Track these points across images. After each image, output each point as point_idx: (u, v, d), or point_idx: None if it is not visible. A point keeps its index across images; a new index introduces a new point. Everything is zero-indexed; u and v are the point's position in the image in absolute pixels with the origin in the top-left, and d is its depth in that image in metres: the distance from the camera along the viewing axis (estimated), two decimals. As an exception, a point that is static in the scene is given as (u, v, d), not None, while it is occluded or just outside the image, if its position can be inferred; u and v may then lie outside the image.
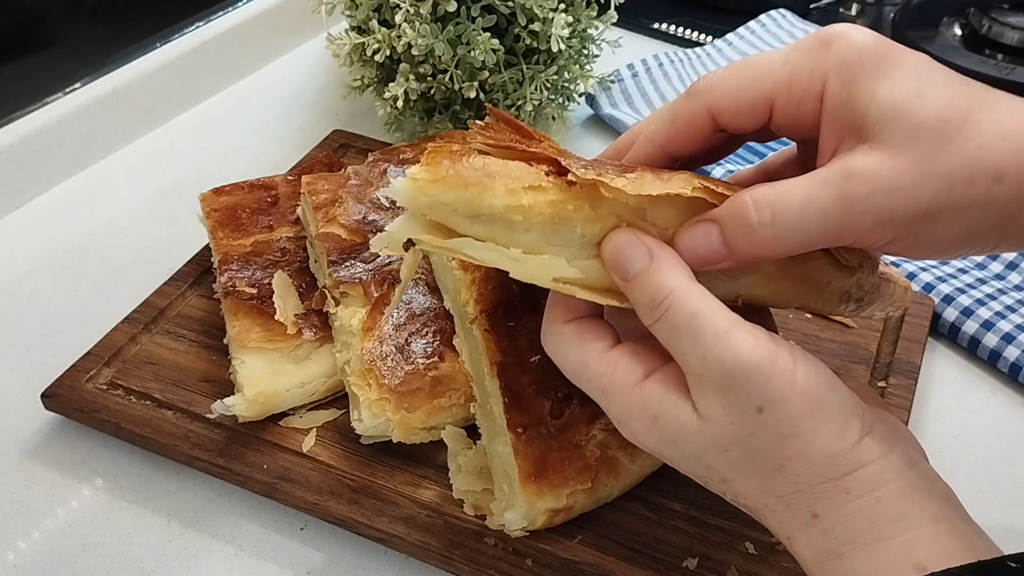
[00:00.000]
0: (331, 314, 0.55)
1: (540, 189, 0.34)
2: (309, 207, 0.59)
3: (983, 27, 0.94)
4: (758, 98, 0.36)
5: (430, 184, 0.33)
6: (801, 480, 0.35)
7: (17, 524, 0.52)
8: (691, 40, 1.00)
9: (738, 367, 0.33)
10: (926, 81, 0.34)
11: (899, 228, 0.34)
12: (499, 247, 0.35)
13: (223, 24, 0.90)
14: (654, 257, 0.35)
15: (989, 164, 0.32)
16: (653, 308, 0.35)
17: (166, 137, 0.85)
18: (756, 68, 0.36)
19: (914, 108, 0.33)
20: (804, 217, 0.34)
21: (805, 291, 0.40)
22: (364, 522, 0.49)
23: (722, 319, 0.34)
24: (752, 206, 0.34)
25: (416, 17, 0.69)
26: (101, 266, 0.70)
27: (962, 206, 0.33)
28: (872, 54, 0.34)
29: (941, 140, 0.33)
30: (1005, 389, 0.61)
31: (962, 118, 0.33)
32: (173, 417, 0.54)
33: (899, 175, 0.33)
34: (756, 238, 0.34)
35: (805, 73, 0.35)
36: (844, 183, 0.33)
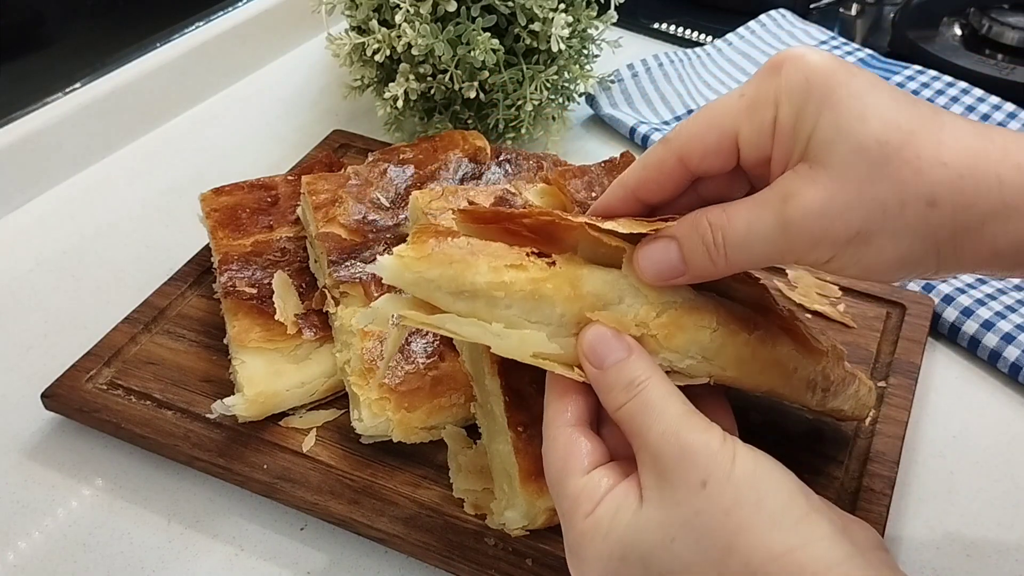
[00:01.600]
0: (331, 314, 0.55)
1: (521, 267, 0.36)
2: (309, 207, 0.59)
3: (983, 27, 0.94)
4: (722, 135, 0.36)
5: (415, 261, 0.35)
6: (754, 559, 0.33)
7: (17, 524, 0.52)
8: (691, 40, 1.00)
9: (688, 442, 0.35)
10: (871, 103, 0.33)
11: (834, 249, 0.34)
12: (481, 323, 0.36)
13: (223, 24, 0.90)
14: (633, 350, 0.37)
15: (924, 189, 0.33)
16: (629, 389, 0.36)
17: (166, 137, 0.85)
18: (717, 107, 0.37)
19: (855, 131, 0.33)
20: (749, 239, 0.35)
21: (774, 375, 0.42)
22: (364, 522, 0.49)
23: (686, 406, 0.36)
24: (708, 228, 0.36)
25: (416, 17, 0.69)
26: (101, 266, 0.70)
27: (895, 230, 0.33)
28: (819, 77, 0.34)
29: (878, 163, 0.33)
30: (1005, 389, 0.61)
31: (902, 141, 0.33)
32: (173, 417, 0.54)
33: (832, 198, 0.33)
34: (710, 258, 0.36)
35: (760, 101, 0.35)
36: (781, 206, 0.34)
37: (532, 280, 0.36)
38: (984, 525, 0.52)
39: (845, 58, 0.91)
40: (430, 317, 0.36)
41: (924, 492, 0.54)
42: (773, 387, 0.43)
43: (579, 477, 0.37)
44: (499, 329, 0.36)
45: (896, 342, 0.60)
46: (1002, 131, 0.34)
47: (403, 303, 0.37)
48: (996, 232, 0.33)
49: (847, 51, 0.93)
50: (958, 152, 0.33)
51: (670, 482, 0.35)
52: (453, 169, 0.64)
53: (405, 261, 0.35)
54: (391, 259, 0.35)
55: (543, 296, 0.36)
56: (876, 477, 0.51)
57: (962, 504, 0.53)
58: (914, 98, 0.35)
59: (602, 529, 0.36)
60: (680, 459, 0.35)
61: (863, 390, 0.50)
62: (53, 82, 0.79)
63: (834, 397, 0.47)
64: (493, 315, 0.36)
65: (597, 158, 0.66)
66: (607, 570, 0.36)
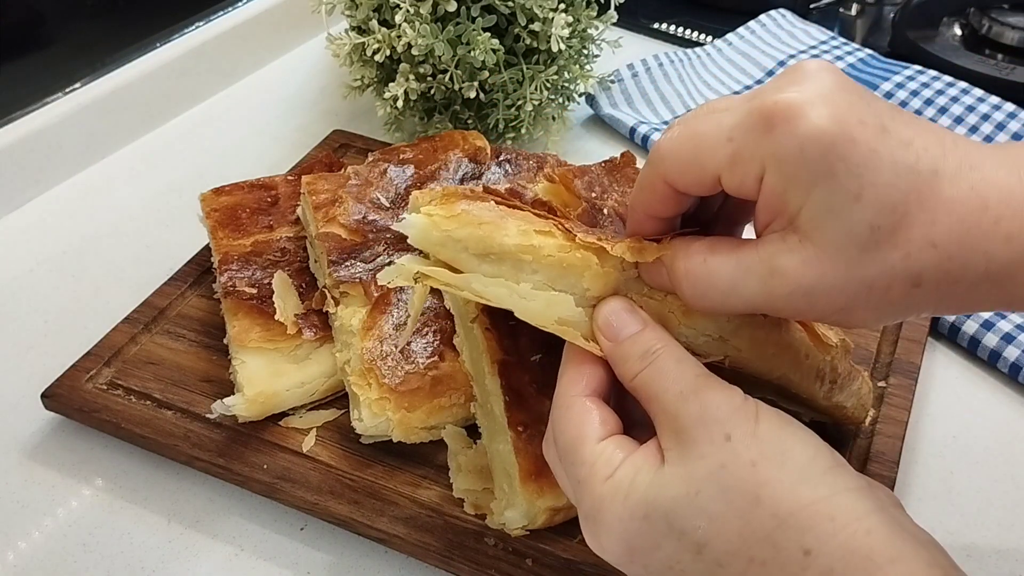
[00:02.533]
0: (331, 314, 0.55)
1: (550, 234, 0.36)
2: (309, 207, 0.59)
3: (983, 27, 0.94)
4: (704, 173, 0.35)
5: (444, 220, 0.34)
6: (781, 508, 0.33)
7: (17, 524, 0.52)
8: (691, 40, 1.00)
9: (709, 398, 0.35)
10: (869, 179, 0.32)
11: (817, 316, 0.36)
12: (508, 283, 0.36)
13: (223, 24, 0.90)
14: (647, 324, 0.38)
15: (911, 272, 0.33)
16: (645, 357, 0.37)
17: (166, 137, 0.85)
18: (702, 142, 0.35)
19: (847, 213, 0.32)
20: (730, 297, 0.36)
21: (787, 359, 0.42)
22: (364, 522, 0.49)
23: (702, 368, 0.37)
24: (684, 279, 0.36)
25: (416, 17, 0.69)
26: (101, 266, 0.70)
27: (877, 305, 0.34)
28: (815, 148, 0.32)
29: (868, 248, 0.32)
30: (1005, 389, 0.61)
31: (895, 224, 0.32)
32: (173, 417, 0.54)
33: (820, 279, 0.33)
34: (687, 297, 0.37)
35: (746, 156, 0.34)
36: (768, 279, 0.34)
37: (561, 247, 0.36)
38: (984, 525, 0.52)
39: (845, 59, 0.91)
40: (456, 276, 0.36)
41: (924, 492, 0.54)
42: (785, 372, 0.43)
43: (594, 444, 0.37)
44: (526, 291, 0.36)
45: (896, 342, 0.60)
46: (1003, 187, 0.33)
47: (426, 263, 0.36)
48: (977, 298, 0.34)
49: (847, 51, 0.93)
50: (950, 230, 0.32)
51: (692, 438, 0.35)
52: (453, 169, 0.64)
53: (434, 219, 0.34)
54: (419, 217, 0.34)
55: (570, 264, 0.36)
56: (876, 477, 0.51)
57: (962, 504, 0.53)
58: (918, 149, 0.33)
59: (622, 490, 0.35)
60: (702, 414, 0.35)
61: (864, 388, 0.50)
62: (53, 82, 0.79)
63: (840, 391, 0.47)
64: (519, 280, 0.36)
65: (597, 158, 0.66)
66: (629, 531, 0.35)
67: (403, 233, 0.36)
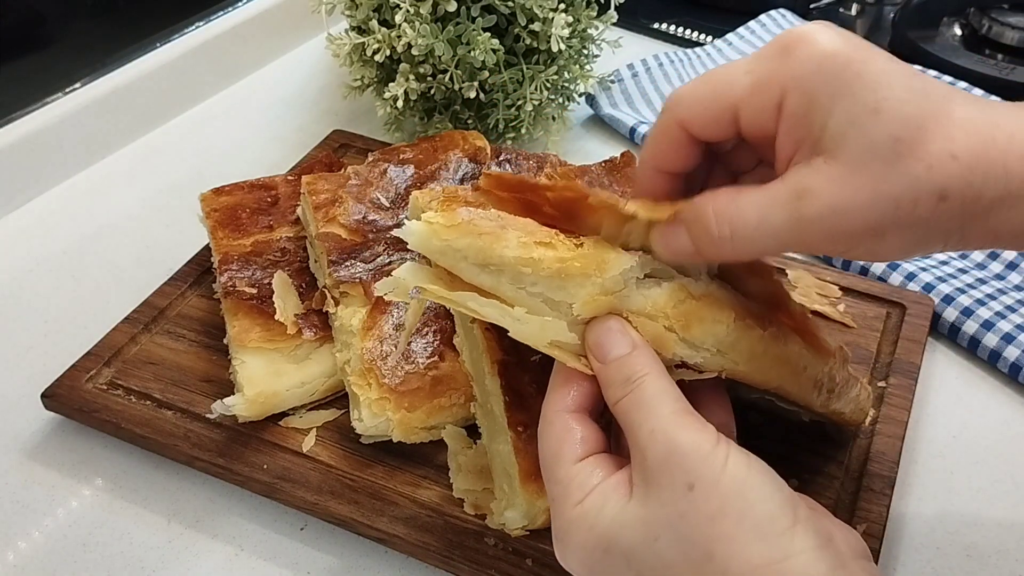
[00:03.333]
0: (331, 314, 0.55)
1: (550, 245, 0.36)
2: (309, 207, 0.59)
3: (983, 27, 0.94)
4: (723, 109, 0.36)
5: (445, 229, 0.34)
6: (731, 567, 0.33)
7: (17, 524, 0.52)
8: (691, 40, 1.00)
9: (677, 443, 0.35)
10: (884, 93, 0.33)
11: (848, 242, 0.35)
12: (503, 306, 0.36)
13: (223, 24, 0.90)
14: (636, 346, 0.37)
15: (936, 185, 0.33)
16: (626, 384, 0.37)
17: (166, 137, 0.85)
18: (720, 79, 0.36)
19: (868, 126, 0.33)
20: (759, 233, 0.35)
21: (784, 372, 0.42)
22: (364, 522, 0.49)
23: (680, 404, 0.36)
24: (713, 219, 0.36)
25: (416, 17, 0.69)
26: (101, 266, 0.70)
27: (908, 224, 0.34)
28: (832, 64, 0.33)
29: (892, 160, 0.33)
30: (1005, 389, 0.60)
31: (914, 135, 0.33)
32: (173, 417, 0.54)
33: (849, 196, 0.33)
34: (717, 246, 0.36)
35: (765, 84, 0.35)
36: (796, 203, 0.34)
37: (560, 259, 0.36)
38: (984, 525, 0.52)
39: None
40: (452, 294, 0.36)
41: (924, 492, 0.54)
42: (782, 384, 0.43)
43: (571, 464, 0.37)
44: (520, 314, 0.36)
45: (896, 342, 0.60)
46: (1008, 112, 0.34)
47: (425, 274, 0.36)
48: (1000, 219, 0.34)
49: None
50: (968, 144, 0.33)
51: (657, 481, 0.35)
52: (453, 169, 0.64)
53: (434, 228, 0.34)
54: (420, 224, 0.34)
55: (569, 275, 0.36)
56: (876, 477, 0.51)
57: (962, 504, 0.53)
58: (926, 81, 0.34)
59: (588, 519, 0.36)
60: (668, 459, 0.35)
61: (863, 394, 0.50)
62: (53, 82, 0.79)
63: (837, 399, 0.47)
64: (517, 292, 0.36)
65: (597, 158, 0.66)
66: (591, 560, 0.36)
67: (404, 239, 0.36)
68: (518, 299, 0.36)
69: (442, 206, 0.35)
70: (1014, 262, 0.68)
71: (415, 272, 0.36)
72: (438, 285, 0.36)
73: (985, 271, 0.68)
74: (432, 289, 0.36)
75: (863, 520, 0.49)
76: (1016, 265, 0.68)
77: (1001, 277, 0.67)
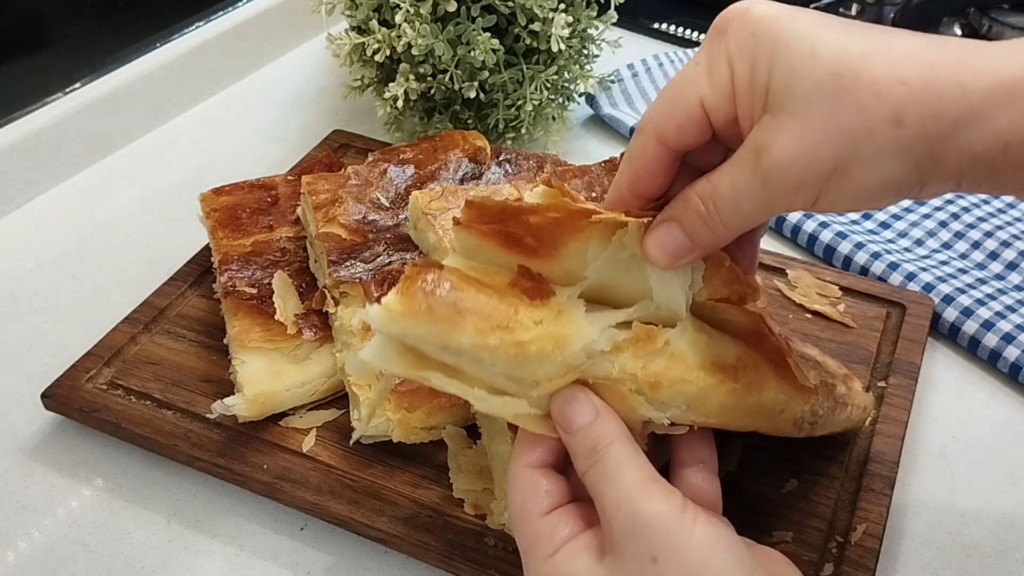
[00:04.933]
0: (331, 314, 0.55)
1: (507, 328, 0.36)
2: (309, 207, 0.59)
3: (983, 27, 0.94)
4: (689, 105, 0.36)
5: (402, 316, 0.35)
6: None
7: (17, 524, 0.52)
8: (691, 40, 1.00)
9: (642, 514, 0.35)
10: (818, 40, 0.33)
11: (816, 188, 0.34)
12: (465, 386, 0.37)
13: (223, 24, 0.90)
14: (599, 413, 0.37)
15: (887, 110, 0.32)
16: (591, 454, 0.37)
17: (166, 137, 0.85)
18: (678, 81, 0.37)
19: (807, 70, 0.33)
20: (736, 200, 0.36)
21: (758, 419, 0.42)
22: (364, 522, 0.49)
23: (644, 472, 0.36)
24: (698, 201, 0.36)
25: (416, 17, 0.69)
26: (101, 266, 0.70)
27: (869, 155, 0.33)
28: (763, 28, 0.34)
29: (836, 96, 0.33)
30: (1005, 389, 0.61)
31: (856, 69, 0.33)
32: (173, 417, 0.54)
33: (800, 140, 0.33)
34: (709, 227, 0.37)
35: (714, 64, 0.36)
36: (756, 160, 0.34)
37: (517, 343, 0.36)
38: (984, 525, 0.52)
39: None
40: (417, 372, 0.37)
41: (924, 492, 0.54)
42: (757, 428, 0.43)
43: (537, 518, 0.38)
44: (481, 394, 0.37)
45: (896, 342, 0.59)
46: (955, 41, 0.34)
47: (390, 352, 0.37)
48: (970, 138, 0.33)
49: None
50: (914, 67, 0.33)
51: (622, 552, 0.35)
52: (453, 169, 0.64)
53: (393, 315, 0.35)
54: (379, 310, 0.35)
55: (527, 357, 0.36)
56: (876, 477, 0.51)
57: (962, 504, 0.53)
58: (863, 24, 0.35)
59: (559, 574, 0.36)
60: (632, 530, 0.35)
61: (855, 413, 0.50)
62: (53, 82, 0.79)
63: (823, 428, 0.47)
64: (478, 372, 0.36)
65: (597, 158, 0.66)
66: None
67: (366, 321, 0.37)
68: (481, 377, 0.37)
69: (403, 287, 0.35)
70: (1014, 262, 0.68)
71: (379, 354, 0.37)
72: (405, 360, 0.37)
73: (985, 271, 0.68)
74: (398, 370, 0.37)
75: (863, 520, 0.49)
76: (1016, 265, 0.68)
77: (1001, 277, 0.67)
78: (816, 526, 0.49)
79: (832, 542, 0.48)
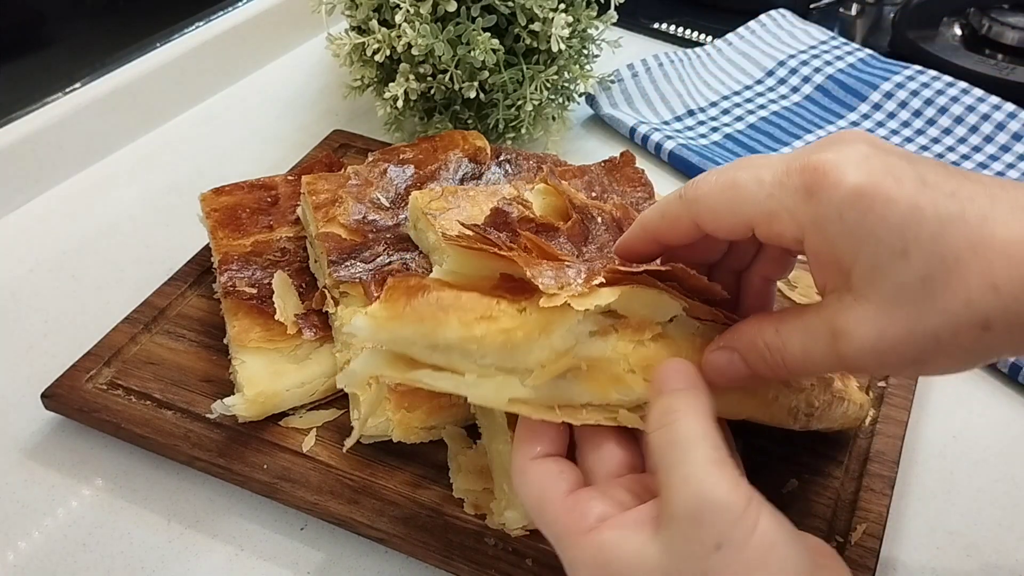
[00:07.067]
0: (331, 314, 0.55)
1: (491, 319, 0.36)
2: (309, 207, 0.59)
3: (983, 27, 0.94)
4: (738, 223, 0.36)
5: (387, 321, 0.36)
6: None
7: (17, 524, 0.52)
8: (691, 40, 1.00)
9: (712, 498, 0.34)
10: (912, 233, 0.32)
11: (893, 370, 0.36)
12: (455, 376, 0.37)
13: (223, 24, 0.90)
14: (694, 386, 0.37)
15: (977, 317, 0.32)
16: (667, 414, 0.36)
17: (166, 137, 0.85)
18: (741, 193, 0.36)
19: (897, 269, 0.32)
20: (807, 363, 0.36)
21: (752, 406, 0.42)
22: (364, 522, 0.49)
23: (720, 453, 0.35)
24: (766, 350, 0.37)
25: (416, 17, 0.69)
26: (101, 266, 0.70)
27: (951, 352, 0.33)
28: (854, 211, 0.33)
29: (925, 299, 0.32)
30: (1005, 389, 0.60)
31: (948, 273, 0.32)
32: (173, 417, 0.54)
33: (882, 336, 0.33)
34: (772, 371, 0.37)
35: (785, 215, 0.34)
36: (834, 342, 0.34)
37: (503, 330, 0.36)
38: (984, 525, 0.52)
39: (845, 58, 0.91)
40: (407, 373, 0.37)
41: (924, 492, 0.54)
42: (752, 415, 0.43)
43: (563, 499, 0.37)
44: (472, 379, 0.37)
45: (896, 342, 0.59)
46: None
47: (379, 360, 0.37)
48: None
49: (847, 51, 0.93)
50: (1009, 273, 0.32)
51: (684, 533, 0.34)
52: (453, 169, 0.64)
53: (378, 321, 0.36)
54: (364, 319, 0.36)
55: (515, 344, 0.36)
56: (876, 477, 0.51)
57: (962, 504, 0.53)
58: (962, 201, 0.33)
59: (605, 553, 0.35)
60: (698, 511, 0.34)
61: (852, 409, 0.50)
62: (53, 82, 0.79)
63: (818, 421, 0.47)
64: (470, 366, 0.36)
65: (597, 158, 0.66)
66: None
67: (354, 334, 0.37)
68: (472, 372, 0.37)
69: (385, 296, 0.36)
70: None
71: (370, 362, 0.37)
72: (395, 367, 0.37)
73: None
74: (389, 374, 0.37)
75: (863, 520, 0.49)
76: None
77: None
78: (816, 526, 0.49)
79: (832, 542, 0.48)
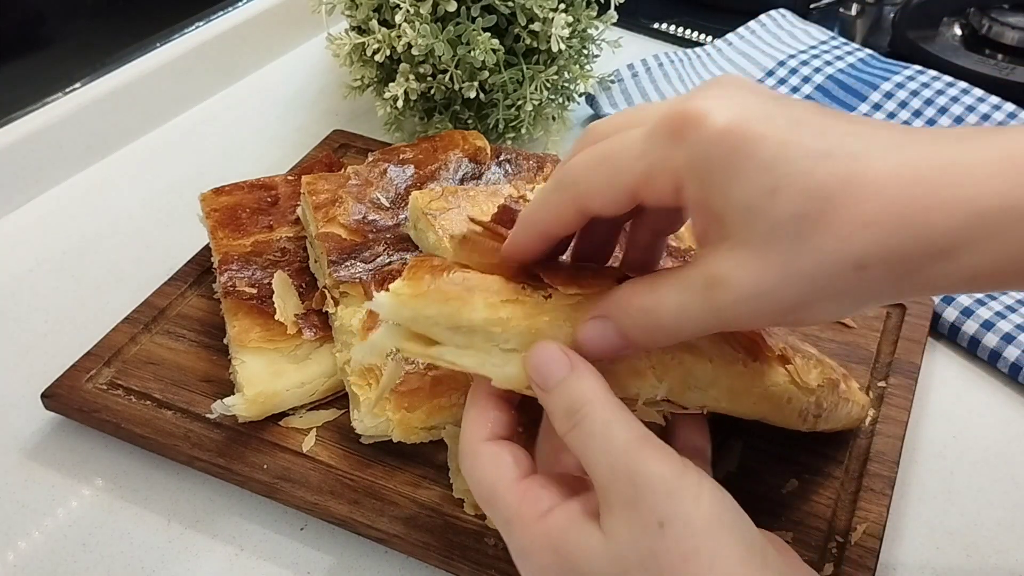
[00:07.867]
0: (331, 314, 0.55)
1: (518, 302, 0.36)
2: (309, 207, 0.59)
3: (983, 27, 0.94)
4: (620, 192, 0.34)
5: (411, 299, 0.35)
6: None
7: (17, 524, 0.52)
8: (691, 40, 1.00)
9: (643, 477, 0.33)
10: (782, 170, 0.31)
11: (771, 321, 0.34)
12: (481, 353, 0.36)
13: (223, 24, 0.90)
14: (574, 368, 0.35)
15: (851, 256, 0.31)
16: (570, 415, 0.35)
17: (166, 137, 0.85)
18: (615, 162, 0.34)
19: (767, 208, 0.31)
20: (680, 323, 0.34)
21: (767, 407, 0.42)
22: (364, 522, 0.49)
23: (635, 431, 0.34)
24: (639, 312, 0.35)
25: (416, 17, 0.69)
26: (101, 266, 0.70)
27: (829, 295, 0.32)
28: (721, 148, 0.31)
29: (797, 238, 0.31)
30: (1005, 389, 0.61)
31: (819, 211, 0.31)
32: (173, 417, 0.54)
33: (758, 280, 0.32)
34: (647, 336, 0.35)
35: (659, 172, 0.33)
36: (709, 292, 0.33)
37: (528, 315, 0.35)
38: (984, 525, 0.52)
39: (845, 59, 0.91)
40: (429, 349, 0.36)
41: (924, 492, 0.54)
42: (765, 415, 0.43)
43: (515, 483, 0.36)
44: (499, 359, 0.36)
45: (896, 342, 0.59)
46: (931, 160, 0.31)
47: (401, 334, 0.36)
48: (932, 274, 0.31)
49: (847, 51, 0.93)
50: (882, 207, 0.30)
51: (625, 518, 0.33)
52: (453, 169, 0.64)
53: (402, 298, 0.35)
54: (387, 296, 0.35)
55: (539, 330, 0.36)
56: (876, 477, 0.51)
57: (962, 504, 0.53)
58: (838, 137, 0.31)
59: (552, 540, 0.35)
60: (633, 496, 0.33)
61: (855, 410, 0.50)
62: (53, 82, 0.79)
63: (825, 422, 0.47)
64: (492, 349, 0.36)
65: (597, 158, 0.66)
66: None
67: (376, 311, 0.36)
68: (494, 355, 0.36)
69: (408, 273, 0.35)
70: (1014, 262, 0.68)
71: (392, 334, 0.36)
72: (415, 343, 0.36)
73: (985, 271, 0.68)
74: (409, 347, 0.36)
75: (863, 520, 0.49)
76: (1016, 265, 0.68)
77: (1001, 277, 0.67)
78: (816, 526, 0.49)
79: (832, 542, 0.48)
